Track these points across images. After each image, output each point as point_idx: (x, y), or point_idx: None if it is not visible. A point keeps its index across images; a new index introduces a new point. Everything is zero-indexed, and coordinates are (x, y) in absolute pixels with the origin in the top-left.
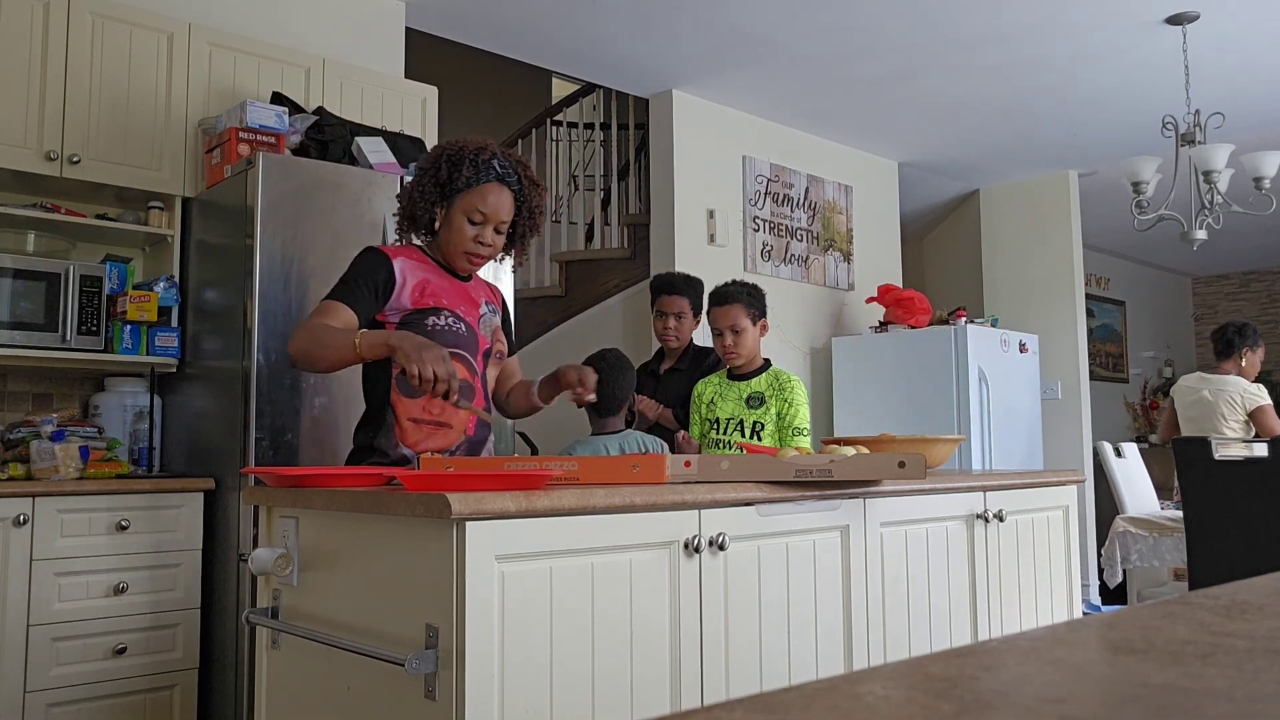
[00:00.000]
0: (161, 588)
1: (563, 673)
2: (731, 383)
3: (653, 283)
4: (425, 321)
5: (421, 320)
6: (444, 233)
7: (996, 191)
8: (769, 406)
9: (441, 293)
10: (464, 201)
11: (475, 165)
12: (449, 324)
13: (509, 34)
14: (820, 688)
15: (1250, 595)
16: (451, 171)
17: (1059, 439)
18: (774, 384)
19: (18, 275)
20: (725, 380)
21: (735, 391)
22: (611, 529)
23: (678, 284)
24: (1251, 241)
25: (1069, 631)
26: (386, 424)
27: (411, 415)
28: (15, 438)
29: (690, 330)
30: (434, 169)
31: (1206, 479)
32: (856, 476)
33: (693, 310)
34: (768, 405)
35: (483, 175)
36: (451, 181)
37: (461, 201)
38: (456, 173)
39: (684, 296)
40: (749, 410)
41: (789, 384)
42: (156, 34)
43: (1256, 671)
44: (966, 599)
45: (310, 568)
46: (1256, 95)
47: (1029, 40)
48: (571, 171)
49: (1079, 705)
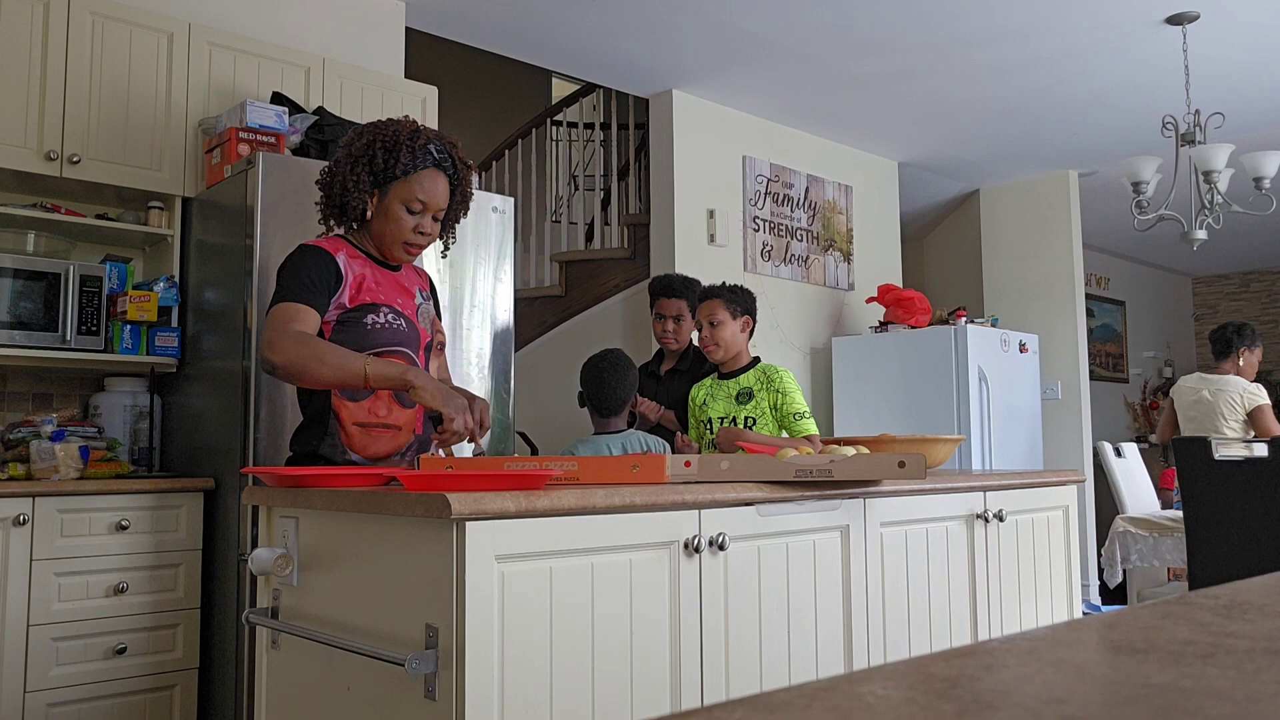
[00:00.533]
0: (161, 588)
1: (562, 673)
2: (721, 383)
3: (651, 284)
4: (364, 320)
5: (360, 319)
6: (379, 222)
7: (996, 191)
8: (759, 400)
9: (378, 288)
10: (401, 190)
11: (412, 151)
12: (388, 321)
13: (509, 34)
14: (820, 688)
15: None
16: (387, 158)
17: (1059, 439)
18: (762, 378)
19: (18, 275)
20: (716, 382)
21: (725, 390)
22: (611, 529)
23: (676, 286)
24: (1251, 241)
25: (1069, 632)
26: (329, 430)
27: (357, 419)
28: (15, 438)
29: (689, 331)
30: (367, 155)
31: (1206, 479)
32: (857, 476)
33: (691, 311)
34: (757, 399)
35: (420, 161)
36: (387, 169)
37: (399, 190)
38: (393, 159)
39: (682, 298)
40: (739, 407)
41: (777, 375)
42: (156, 34)
43: (1257, 671)
44: (966, 599)
45: (310, 568)
46: (1256, 95)
47: (1029, 40)
48: (571, 171)
49: (1079, 705)
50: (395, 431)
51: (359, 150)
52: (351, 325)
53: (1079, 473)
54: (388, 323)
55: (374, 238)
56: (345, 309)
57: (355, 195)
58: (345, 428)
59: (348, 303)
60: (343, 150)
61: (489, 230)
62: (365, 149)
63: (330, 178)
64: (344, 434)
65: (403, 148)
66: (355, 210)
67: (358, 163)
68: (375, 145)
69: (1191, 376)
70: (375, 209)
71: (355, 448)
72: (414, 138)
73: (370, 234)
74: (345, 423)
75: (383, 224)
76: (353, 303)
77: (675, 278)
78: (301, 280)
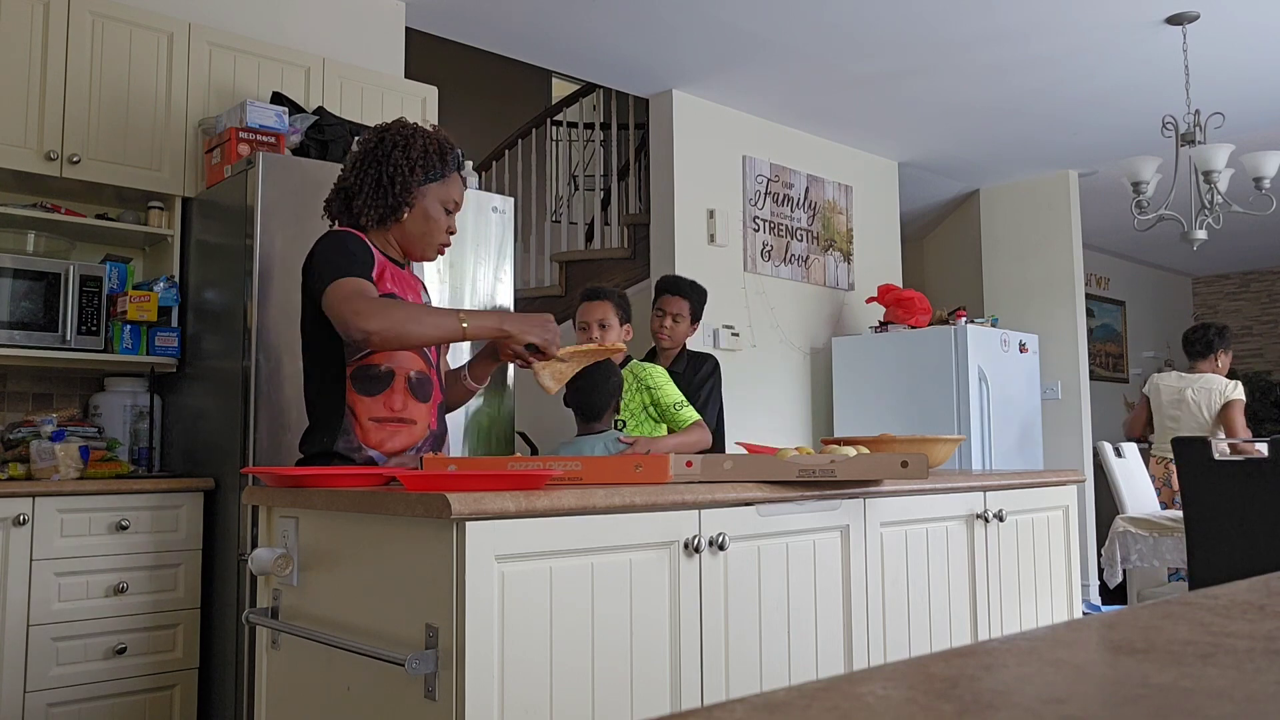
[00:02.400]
0: (161, 588)
1: (563, 673)
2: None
3: (659, 282)
4: None
5: None
6: (415, 223)
7: (996, 191)
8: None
9: (395, 281)
10: (440, 191)
11: (452, 154)
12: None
13: (509, 34)
14: (820, 688)
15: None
16: (441, 160)
17: (1059, 439)
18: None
19: (18, 275)
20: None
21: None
22: (611, 529)
23: (683, 287)
24: (1251, 241)
25: (1069, 632)
26: (344, 426)
27: (373, 415)
28: (15, 438)
29: (685, 334)
30: (424, 157)
31: (1206, 479)
32: (859, 476)
33: (691, 315)
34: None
35: (453, 164)
36: (437, 169)
37: (438, 191)
38: (441, 161)
39: (686, 300)
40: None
41: (645, 372)
42: (156, 34)
43: (1257, 672)
44: (966, 599)
45: (310, 568)
46: (1256, 95)
47: (1029, 40)
48: (571, 171)
49: (1080, 706)
50: (411, 426)
51: (418, 153)
52: None
53: (1079, 473)
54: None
55: (403, 237)
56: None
57: (410, 194)
58: (361, 423)
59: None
60: (396, 151)
61: (489, 230)
62: (422, 151)
63: (379, 176)
64: (359, 430)
65: (447, 152)
66: (404, 209)
67: (415, 164)
68: (429, 148)
69: (1169, 375)
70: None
71: (372, 443)
72: (447, 142)
73: (395, 234)
74: (361, 418)
75: (421, 224)
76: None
77: (684, 280)
78: (352, 258)
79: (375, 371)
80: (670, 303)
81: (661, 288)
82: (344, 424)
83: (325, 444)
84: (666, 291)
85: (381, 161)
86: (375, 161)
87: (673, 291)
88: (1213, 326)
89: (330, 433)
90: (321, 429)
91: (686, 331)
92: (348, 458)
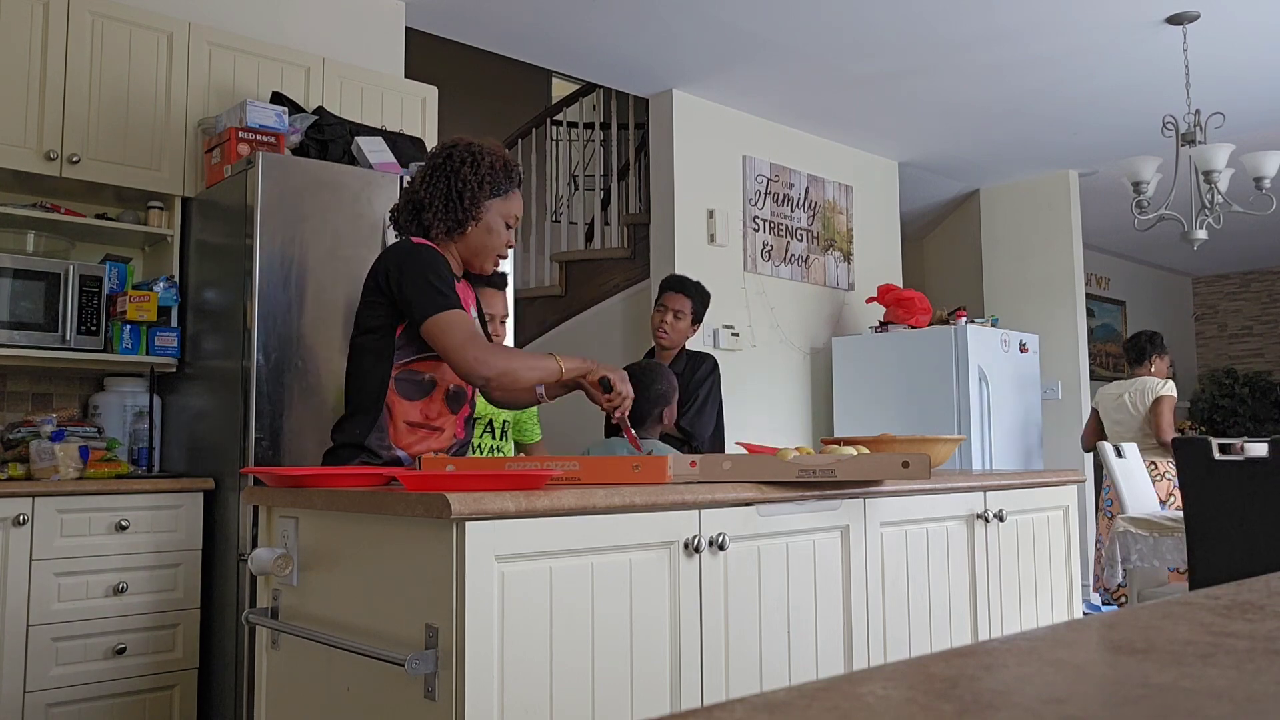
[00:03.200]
0: (161, 588)
1: (562, 673)
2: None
3: (664, 280)
4: None
5: None
6: (478, 235)
7: (997, 191)
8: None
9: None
10: (503, 206)
11: (515, 171)
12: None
13: (509, 34)
14: (820, 688)
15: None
16: (506, 176)
17: (1059, 439)
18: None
19: (17, 275)
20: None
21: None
22: (611, 529)
23: (687, 286)
24: (1252, 241)
25: (1069, 632)
26: (379, 424)
27: (409, 418)
28: (15, 438)
29: (685, 334)
30: (491, 172)
31: (1207, 479)
32: (860, 477)
33: (692, 315)
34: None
35: (516, 180)
36: (503, 185)
37: (501, 206)
38: (507, 177)
39: (689, 298)
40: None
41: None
42: (156, 34)
43: (1257, 672)
44: (967, 599)
45: (310, 568)
46: (1257, 95)
47: (1029, 40)
48: (571, 171)
49: (1080, 706)
50: (439, 434)
51: (487, 168)
52: None
53: (1079, 473)
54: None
55: (465, 249)
56: None
57: (478, 208)
58: (396, 424)
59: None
60: (466, 166)
61: None
62: (491, 167)
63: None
64: (394, 430)
65: (511, 168)
66: (471, 222)
67: (484, 180)
68: (497, 164)
69: (1111, 384)
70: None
71: (402, 444)
72: (511, 160)
73: (457, 245)
74: (397, 419)
75: (484, 237)
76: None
77: (690, 280)
78: (447, 284)
79: (420, 378)
80: (673, 299)
81: (666, 285)
82: (380, 421)
83: (358, 436)
84: (670, 289)
85: (451, 176)
86: (445, 176)
87: (676, 289)
88: (1144, 334)
89: (365, 426)
90: (357, 421)
91: (687, 330)
92: (376, 453)
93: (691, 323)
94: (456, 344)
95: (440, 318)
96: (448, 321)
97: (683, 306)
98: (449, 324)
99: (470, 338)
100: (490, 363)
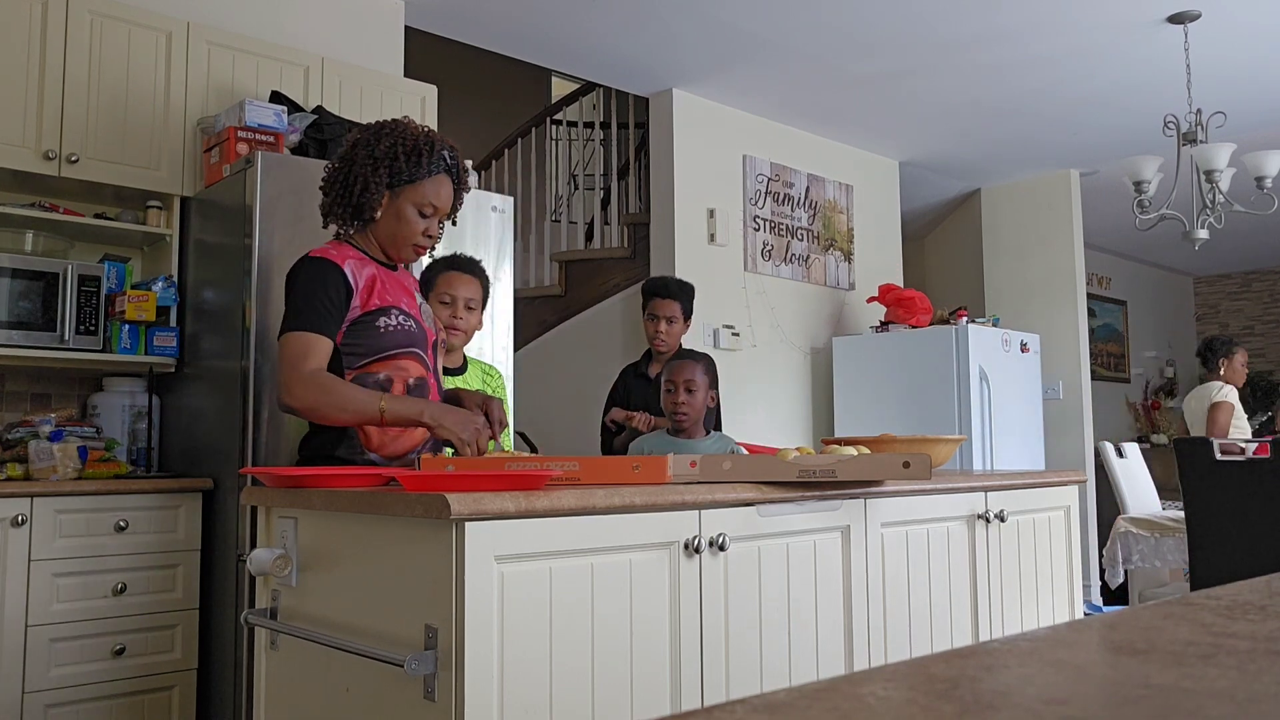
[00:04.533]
0: (160, 588)
1: (562, 673)
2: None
3: (645, 285)
4: (376, 323)
5: (372, 323)
6: (389, 223)
7: (997, 191)
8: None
9: (387, 290)
10: (414, 193)
11: (430, 157)
12: (400, 323)
13: (509, 33)
14: (820, 688)
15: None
16: (408, 162)
17: (1060, 439)
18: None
19: (16, 275)
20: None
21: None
22: (611, 529)
23: (671, 288)
24: (1253, 241)
25: (1070, 632)
26: (347, 432)
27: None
28: (13, 438)
29: (680, 334)
30: (389, 158)
31: (1207, 479)
32: (861, 477)
33: (684, 314)
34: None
35: (435, 166)
36: (407, 172)
37: (411, 193)
38: (414, 163)
39: (676, 300)
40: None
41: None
42: (155, 33)
43: (1258, 672)
44: (967, 599)
45: (309, 568)
46: (1258, 94)
47: (1030, 39)
48: (571, 171)
49: (1081, 706)
50: (411, 430)
51: (382, 153)
52: (364, 329)
53: (1080, 473)
54: (399, 324)
55: (380, 238)
56: (359, 313)
57: (374, 195)
58: (363, 428)
59: (361, 308)
60: (361, 150)
61: (489, 230)
62: (388, 152)
63: (346, 177)
64: (362, 434)
65: (423, 153)
66: (369, 210)
67: (379, 165)
68: (397, 148)
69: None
70: (385, 210)
71: (373, 447)
72: (430, 144)
73: (375, 234)
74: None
75: (394, 225)
76: (365, 308)
77: (670, 279)
78: (314, 305)
79: (375, 380)
80: (662, 306)
81: (650, 291)
82: (347, 429)
83: (327, 448)
84: (656, 294)
85: (348, 163)
86: (343, 163)
87: (662, 295)
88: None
89: (332, 438)
90: (323, 433)
91: (681, 331)
92: (349, 461)
93: (684, 322)
94: (279, 367)
95: (281, 340)
96: (281, 343)
97: (673, 310)
98: (281, 345)
99: (291, 364)
100: (296, 393)
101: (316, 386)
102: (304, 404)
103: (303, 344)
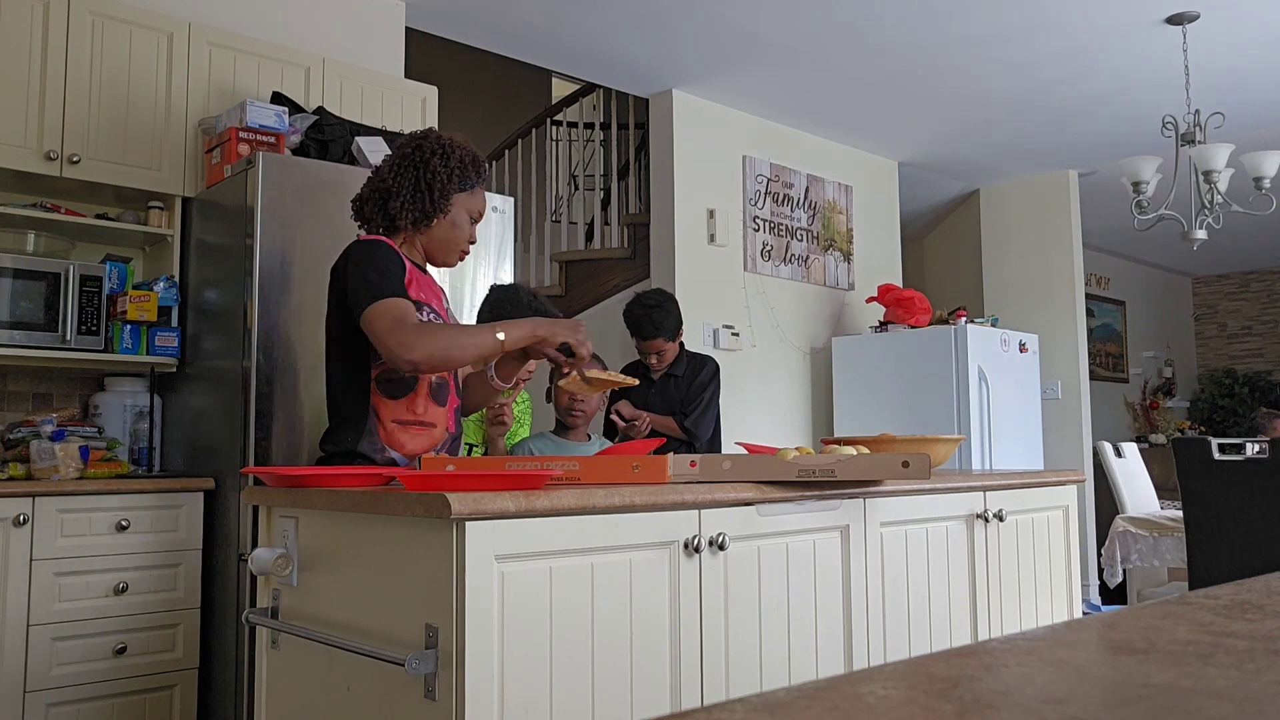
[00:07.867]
0: (161, 587)
1: (563, 673)
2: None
3: (627, 322)
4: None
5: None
6: (443, 229)
7: (997, 191)
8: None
9: (422, 288)
10: (469, 201)
11: (482, 166)
12: (431, 320)
13: (509, 34)
14: (820, 688)
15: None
16: (475, 170)
17: (1059, 439)
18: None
19: (18, 275)
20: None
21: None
22: (611, 529)
23: (646, 328)
24: (1252, 241)
25: (1069, 632)
26: (368, 428)
27: (396, 417)
28: (15, 438)
29: (674, 353)
30: (460, 166)
31: (1205, 479)
32: (860, 477)
33: (669, 338)
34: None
35: (483, 176)
36: (473, 179)
37: (467, 200)
38: (475, 172)
39: (658, 336)
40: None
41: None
42: (156, 34)
43: (1257, 672)
44: (967, 599)
45: (310, 568)
46: (1257, 95)
47: (1029, 39)
48: (571, 171)
49: (1080, 706)
50: (430, 429)
51: (456, 161)
52: None
53: (1079, 472)
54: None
55: (429, 242)
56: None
57: (446, 200)
58: (384, 425)
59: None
60: (435, 157)
61: (489, 230)
62: (460, 160)
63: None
64: (383, 431)
65: (480, 163)
66: (433, 216)
67: (454, 173)
68: (465, 158)
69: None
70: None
71: (394, 445)
72: (479, 155)
73: (424, 237)
74: (384, 420)
75: (449, 231)
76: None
77: (644, 318)
78: (386, 274)
79: (400, 376)
80: (649, 346)
81: (635, 330)
82: (368, 425)
83: (349, 444)
84: (642, 336)
85: (420, 167)
86: (414, 166)
87: (644, 335)
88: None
89: (354, 433)
90: (345, 429)
91: (675, 349)
92: (370, 458)
93: (674, 342)
94: (381, 331)
95: (370, 309)
96: (375, 311)
97: (659, 346)
98: (375, 313)
99: (395, 323)
100: (414, 345)
101: (433, 334)
102: (428, 353)
103: (397, 306)
